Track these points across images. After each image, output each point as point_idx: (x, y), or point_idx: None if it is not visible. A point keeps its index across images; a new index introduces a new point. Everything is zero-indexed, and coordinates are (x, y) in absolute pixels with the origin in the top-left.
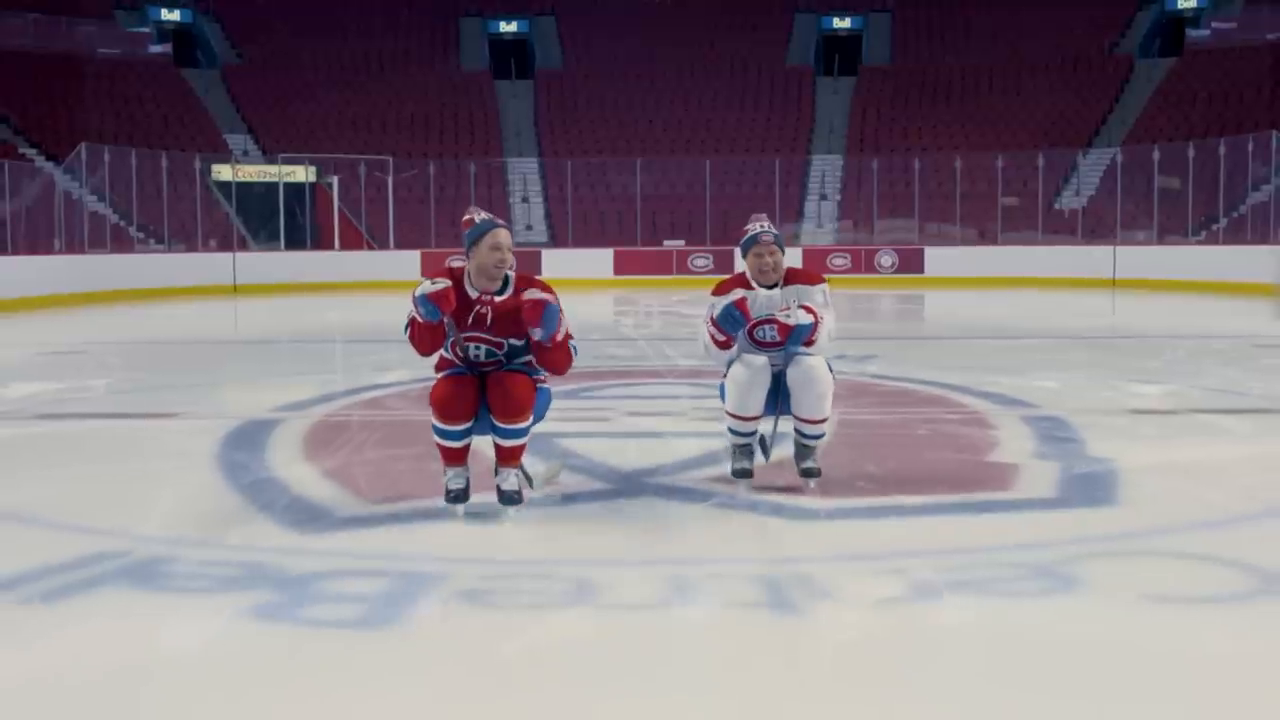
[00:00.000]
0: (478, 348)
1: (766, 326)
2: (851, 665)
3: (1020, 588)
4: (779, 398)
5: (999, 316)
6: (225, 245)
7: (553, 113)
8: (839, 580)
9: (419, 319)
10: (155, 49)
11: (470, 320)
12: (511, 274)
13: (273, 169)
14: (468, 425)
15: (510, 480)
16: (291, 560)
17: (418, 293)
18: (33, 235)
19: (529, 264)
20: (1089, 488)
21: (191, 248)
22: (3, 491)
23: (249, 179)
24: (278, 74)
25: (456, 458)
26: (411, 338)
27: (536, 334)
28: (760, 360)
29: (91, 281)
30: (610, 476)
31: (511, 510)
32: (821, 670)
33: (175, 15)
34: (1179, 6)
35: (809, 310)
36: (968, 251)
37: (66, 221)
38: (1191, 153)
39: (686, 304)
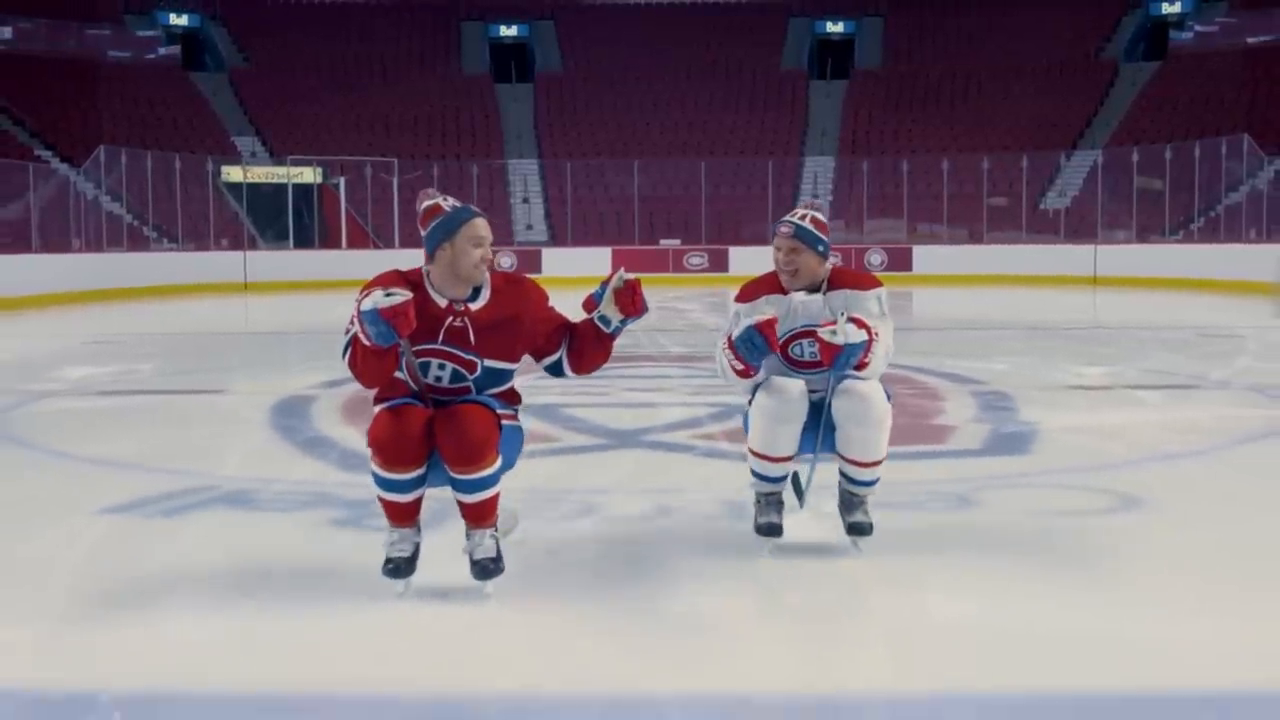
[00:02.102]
0: (441, 366)
1: (805, 341)
2: (785, 553)
3: (929, 506)
4: (819, 431)
5: (979, 311)
6: (236, 244)
7: (552, 115)
8: (788, 503)
9: (366, 341)
10: (163, 51)
11: (441, 337)
12: (485, 274)
13: (281, 170)
14: (419, 472)
15: (485, 546)
16: (351, 490)
17: (366, 306)
18: (51, 235)
19: (530, 263)
20: (1009, 442)
21: (203, 247)
22: (97, 447)
23: (258, 180)
24: (283, 77)
25: (404, 516)
26: (352, 364)
27: (616, 323)
28: (795, 385)
29: (109, 279)
30: (608, 434)
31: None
32: (762, 556)
33: (183, 20)
34: (1163, 11)
35: (860, 325)
36: (955, 250)
37: (84, 221)
38: (1169, 155)
39: (682, 299)
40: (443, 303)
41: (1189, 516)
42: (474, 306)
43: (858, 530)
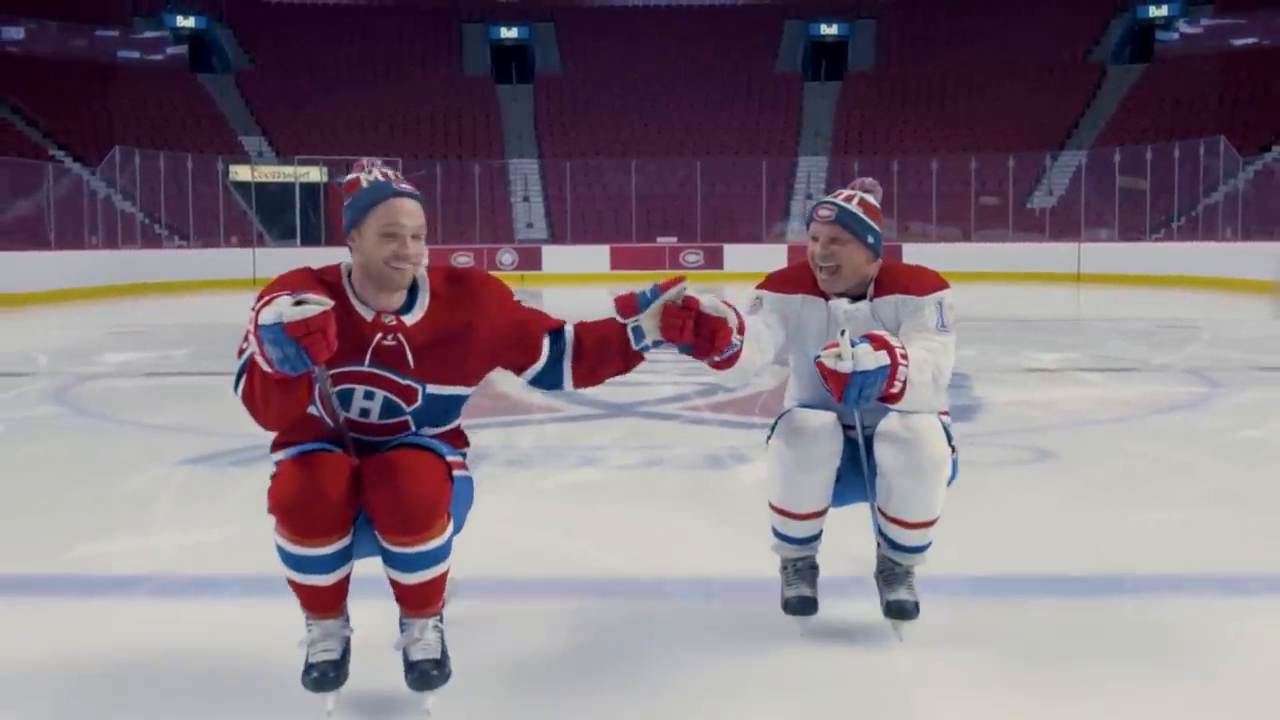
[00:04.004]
0: (369, 396)
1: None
2: (750, 492)
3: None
4: (869, 474)
5: (964, 306)
6: (245, 242)
7: (552, 115)
8: (756, 453)
9: (267, 368)
10: (170, 52)
11: (368, 358)
12: (423, 274)
13: (288, 169)
14: (343, 543)
15: (426, 643)
16: None
17: (267, 318)
18: (67, 233)
19: (530, 261)
20: (956, 412)
21: (213, 244)
22: (160, 416)
23: (265, 179)
24: (288, 78)
25: (327, 603)
26: (248, 398)
27: (649, 342)
28: (819, 420)
29: (124, 275)
30: (605, 406)
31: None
32: (731, 492)
33: (190, 22)
34: (1150, 15)
35: (881, 344)
36: (944, 248)
37: (98, 220)
38: (1149, 156)
39: None
40: (369, 314)
41: (1083, 464)
42: (409, 319)
43: (899, 611)
